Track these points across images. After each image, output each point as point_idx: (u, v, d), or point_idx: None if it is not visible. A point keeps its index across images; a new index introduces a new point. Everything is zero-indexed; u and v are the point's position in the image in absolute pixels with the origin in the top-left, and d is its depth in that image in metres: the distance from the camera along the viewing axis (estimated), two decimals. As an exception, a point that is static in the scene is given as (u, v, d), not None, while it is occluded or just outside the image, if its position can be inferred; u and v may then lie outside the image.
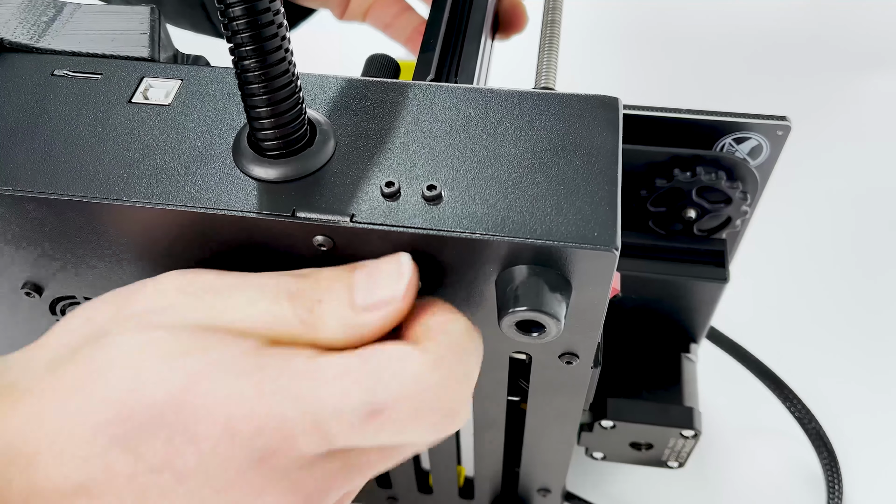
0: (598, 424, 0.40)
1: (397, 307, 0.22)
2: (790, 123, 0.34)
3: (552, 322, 0.22)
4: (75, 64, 0.27)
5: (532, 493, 0.41)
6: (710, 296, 0.38)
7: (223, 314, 0.22)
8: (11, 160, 0.24)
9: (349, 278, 0.22)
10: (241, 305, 0.22)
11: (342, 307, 0.22)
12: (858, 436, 0.51)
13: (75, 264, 0.27)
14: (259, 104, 0.22)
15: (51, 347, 0.23)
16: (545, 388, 0.30)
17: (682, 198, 0.36)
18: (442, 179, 0.23)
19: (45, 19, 0.29)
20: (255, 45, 0.21)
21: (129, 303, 0.23)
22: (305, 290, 0.22)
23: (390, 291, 0.22)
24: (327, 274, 0.23)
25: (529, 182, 0.23)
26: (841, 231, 0.63)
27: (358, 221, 0.23)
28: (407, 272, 0.22)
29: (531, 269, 0.23)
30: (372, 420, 0.21)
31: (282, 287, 0.22)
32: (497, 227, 0.22)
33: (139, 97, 0.26)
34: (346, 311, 0.22)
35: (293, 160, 0.24)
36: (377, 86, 0.26)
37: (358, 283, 0.22)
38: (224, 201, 0.23)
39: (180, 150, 0.25)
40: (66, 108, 0.26)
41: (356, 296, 0.22)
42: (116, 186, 0.24)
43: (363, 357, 0.21)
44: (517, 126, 0.25)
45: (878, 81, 0.73)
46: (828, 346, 0.56)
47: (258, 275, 0.23)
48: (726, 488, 0.50)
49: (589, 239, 0.22)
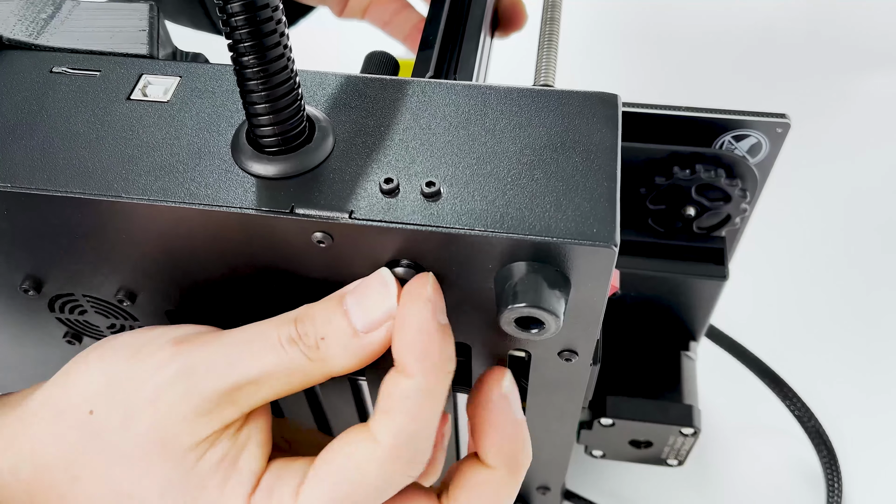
0: (598, 422, 0.40)
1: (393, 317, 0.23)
2: (789, 121, 0.34)
3: (551, 318, 0.22)
4: (74, 61, 0.27)
5: (531, 490, 0.41)
6: (709, 293, 0.38)
7: (237, 374, 0.24)
8: (10, 157, 0.24)
9: (342, 308, 0.24)
10: (253, 363, 0.24)
11: (345, 337, 0.23)
12: (858, 434, 0.51)
13: (74, 261, 0.27)
14: (258, 101, 0.22)
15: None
16: (544, 385, 0.30)
17: (682, 195, 0.36)
18: (441, 176, 0.23)
19: (44, 16, 0.29)
20: (254, 42, 0.21)
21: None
22: (306, 332, 0.24)
23: (384, 308, 0.23)
24: (320, 311, 0.24)
25: (528, 178, 0.23)
26: (840, 229, 0.63)
27: (357, 218, 0.22)
28: (391, 283, 0.24)
29: (530, 266, 0.23)
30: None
31: (283, 335, 0.24)
32: (496, 224, 0.22)
33: (138, 94, 0.26)
34: (349, 339, 0.23)
35: (292, 157, 0.24)
36: (376, 83, 0.26)
37: (352, 309, 0.24)
38: (223, 198, 0.23)
39: (179, 147, 0.25)
40: (64, 104, 0.26)
41: (354, 322, 0.23)
42: (115, 183, 0.24)
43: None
44: (516, 123, 0.25)
45: (879, 80, 0.73)
46: (827, 345, 0.56)
47: (254, 328, 0.24)
48: (725, 487, 0.50)
49: (588, 235, 0.22)
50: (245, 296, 0.27)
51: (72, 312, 0.30)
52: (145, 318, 0.30)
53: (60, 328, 0.31)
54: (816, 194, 0.65)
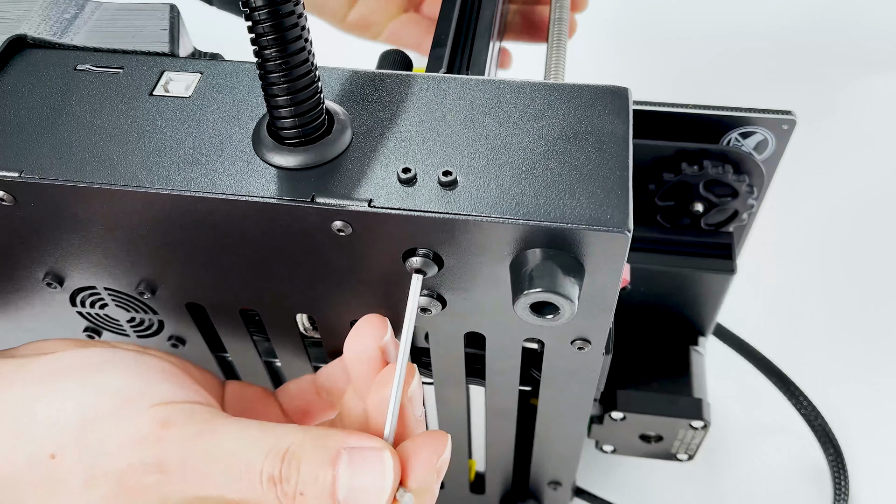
0: (609, 416, 0.40)
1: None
2: (796, 118, 0.35)
3: (566, 303, 0.23)
4: (97, 59, 0.28)
5: (542, 486, 0.41)
6: (718, 288, 0.39)
7: (210, 489, 0.23)
8: (37, 151, 0.25)
9: (333, 469, 0.22)
10: (227, 485, 0.23)
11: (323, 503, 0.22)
12: (864, 432, 0.51)
13: (97, 253, 0.27)
14: (279, 94, 0.23)
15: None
16: (557, 375, 0.30)
17: (690, 192, 0.37)
18: (457, 166, 0.24)
19: (68, 16, 0.30)
20: (276, 36, 0.22)
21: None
22: (289, 478, 0.22)
23: (373, 499, 0.22)
24: (312, 459, 0.22)
25: (543, 168, 0.24)
26: (847, 226, 0.63)
27: (376, 206, 0.23)
28: (390, 470, 0.22)
29: (545, 252, 0.23)
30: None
31: (266, 470, 0.22)
32: (512, 211, 0.23)
33: (160, 90, 0.27)
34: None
35: (312, 148, 0.24)
36: (392, 78, 0.27)
37: (341, 476, 0.22)
38: (245, 188, 0.24)
39: (201, 140, 0.25)
40: (89, 100, 0.27)
41: (338, 492, 0.22)
42: (140, 174, 0.24)
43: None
44: (530, 115, 0.25)
45: (885, 78, 0.73)
46: (834, 343, 0.56)
47: (242, 437, 0.23)
48: (732, 485, 0.50)
49: (602, 221, 0.22)
50: (264, 286, 0.28)
51: (93, 306, 0.31)
52: (165, 311, 0.30)
53: (81, 322, 0.32)
54: (823, 191, 0.65)
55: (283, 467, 0.22)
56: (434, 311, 0.27)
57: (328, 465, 0.22)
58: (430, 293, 0.26)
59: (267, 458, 0.23)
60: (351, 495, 0.22)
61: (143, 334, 0.32)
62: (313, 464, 0.22)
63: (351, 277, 0.26)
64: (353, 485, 0.22)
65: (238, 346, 0.32)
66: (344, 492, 0.22)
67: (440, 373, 0.32)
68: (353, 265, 0.25)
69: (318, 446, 0.23)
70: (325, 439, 0.23)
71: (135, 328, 0.32)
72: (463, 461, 0.40)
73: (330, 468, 0.22)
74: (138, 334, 0.32)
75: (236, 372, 0.35)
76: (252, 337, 0.32)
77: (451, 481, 0.43)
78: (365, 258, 0.25)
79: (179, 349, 0.33)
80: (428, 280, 0.25)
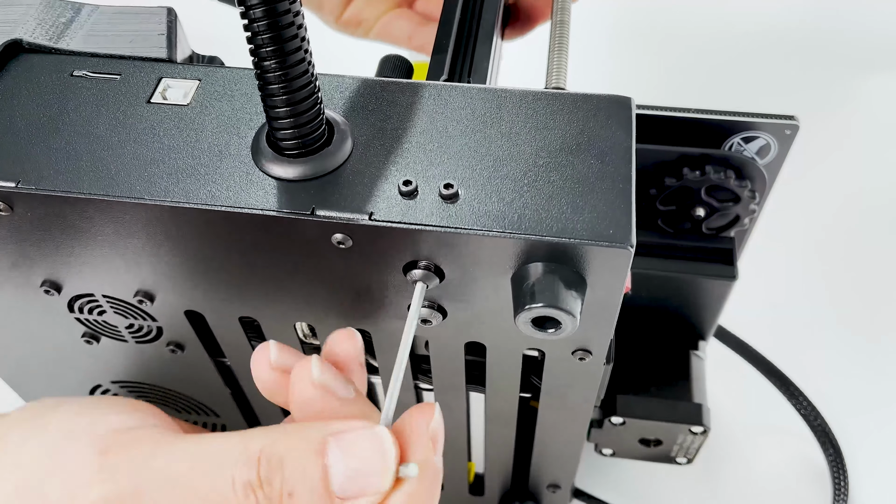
0: (608, 421, 0.40)
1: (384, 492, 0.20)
2: (798, 123, 0.35)
3: (568, 318, 0.22)
4: (94, 64, 0.28)
5: (542, 488, 0.41)
6: (718, 293, 0.39)
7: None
8: (33, 160, 0.25)
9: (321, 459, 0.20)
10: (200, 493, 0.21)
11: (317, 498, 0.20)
12: (864, 433, 0.51)
13: (95, 262, 0.27)
14: (278, 104, 0.23)
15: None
16: (558, 384, 0.30)
17: (691, 196, 0.36)
18: (459, 178, 0.24)
19: (64, 20, 0.29)
20: (276, 46, 0.22)
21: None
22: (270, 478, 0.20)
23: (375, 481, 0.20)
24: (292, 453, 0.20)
25: (545, 181, 0.24)
26: (848, 230, 0.63)
27: (377, 220, 0.23)
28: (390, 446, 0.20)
29: (547, 267, 0.23)
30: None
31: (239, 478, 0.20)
32: (514, 225, 0.23)
33: (158, 97, 0.27)
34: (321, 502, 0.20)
35: (312, 159, 0.24)
36: (392, 86, 0.27)
37: (333, 465, 0.20)
38: (244, 200, 0.24)
39: (199, 150, 0.25)
40: (85, 107, 0.26)
41: (333, 482, 0.20)
42: (138, 185, 0.24)
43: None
44: (532, 126, 0.25)
45: (888, 81, 0.73)
46: (834, 344, 0.56)
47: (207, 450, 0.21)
48: (732, 485, 0.50)
49: (604, 236, 0.22)
50: (264, 295, 0.27)
51: (91, 313, 0.30)
52: (163, 319, 0.30)
53: (79, 328, 0.32)
54: (825, 195, 0.65)
55: (262, 470, 0.20)
56: (435, 322, 0.26)
57: (315, 456, 0.20)
58: (431, 304, 0.26)
59: (237, 466, 0.21)
60: (349, 483, 0.20)
61: (141, 340, 0.32)
62: (298, 458, 0.20)
63: (351, 287, 0.26)
64: (350, 470, 0.20)
65: (237, 353, 0.32)
66: (340, 480, 0.20)
67: (440, 380, 0.32)
68: (353, 276, 0.25)
69: (298, 439, 0.21)
70: (304, 431, 0.21)
71: (133, 334, 0.32)
72: (462, 463, 0.40)
73: (318, 458, 0.20)
74: (137, 340, 0.32)
75: (235, 377, 0.35)
76: (251, 343, 0.31)
77: (450, 483, 0.43)
78: (365, 269, 0.25)
79: (178, 355, 0.32)
80: (429, 291, 0.25)
